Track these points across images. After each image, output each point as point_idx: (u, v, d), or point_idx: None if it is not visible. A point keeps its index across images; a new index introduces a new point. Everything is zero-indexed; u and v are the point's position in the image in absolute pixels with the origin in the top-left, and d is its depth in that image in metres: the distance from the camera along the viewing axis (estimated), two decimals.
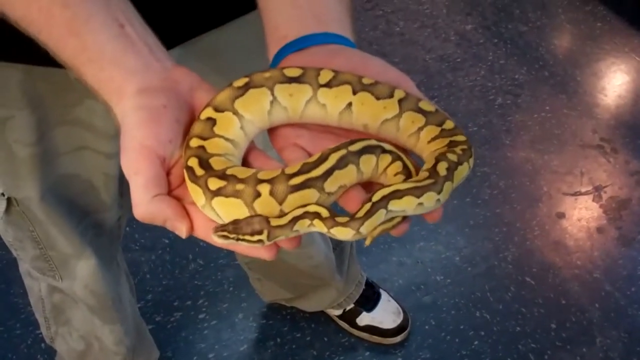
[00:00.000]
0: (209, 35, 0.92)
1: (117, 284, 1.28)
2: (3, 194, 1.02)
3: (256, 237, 0.56)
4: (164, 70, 0.62)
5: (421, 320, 1.77)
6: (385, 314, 1.72)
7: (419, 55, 2.50)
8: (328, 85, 0.62)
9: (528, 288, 1.84)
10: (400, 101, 0.62)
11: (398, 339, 1.72)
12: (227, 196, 0.56)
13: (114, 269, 1.26)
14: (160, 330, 1.75)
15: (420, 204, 0.57)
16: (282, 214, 0.58)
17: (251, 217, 0.57)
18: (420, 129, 0.62)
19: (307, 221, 0.57)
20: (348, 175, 0.59)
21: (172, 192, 0.59)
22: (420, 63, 2.47)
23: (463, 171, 0.61)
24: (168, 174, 0.59)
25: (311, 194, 0.57)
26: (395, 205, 0.57)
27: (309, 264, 1.48)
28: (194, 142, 0.59)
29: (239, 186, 0.57)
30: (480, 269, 1.88)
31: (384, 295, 1.75)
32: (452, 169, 0.59)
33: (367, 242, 0.61)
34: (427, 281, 1.85)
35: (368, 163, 0.60)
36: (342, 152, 0.58)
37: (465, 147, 0.62)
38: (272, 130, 0.65)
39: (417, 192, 0.57)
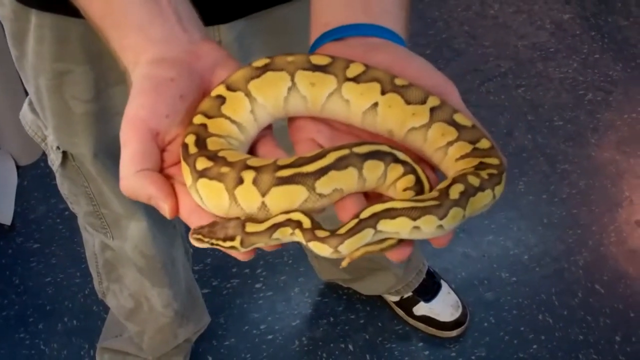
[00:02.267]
0: (277, 10, 0.88)
1: (170, 247, 1.27)
2: (59, 148, 1.01)
3: (228, 244, 0.52)
4: (189, 42, 0.58)
5: (480, 317, 1.71)
6: (443, 306, 1.67)
7: (511, 41, 2.40)
8: (356, 80, 0.56)
9: (597, 296, 1.75)
10: (432, 109, 0.55)
11: (454, 333, 1.67)
12: (210, 178, 0.52)
13: (169, 231, 1.25)
14: (215, 295, 1.74)
15: (417, 227, 0.51)
16: (263, 217, 0.52)
17: (228, 220, 0.52)
18: (450, 143, 0.55)
19: (289, 229, 0.52)
20: (346, 179, 0.52)
21: (165, 169, 0.55)
22: (511, 49, 2.37)
23: (483, 199, 0.53)
24: (163, 150, 0.55)
25: (298, 191, 0.51)
26: (386, 226, 0.51)
27: None
28: (197, 119, 0.55)
29: (224, 169, 0.52)
30: (548, 270, 1.80)
31: (445, 287, 1.70)
32: (467, 194, 0.52)
33: (344, 264, 0.54)
34: (491, 277, 1.79)
35: (373, 170, 0.53)
36: (344, 152, 0.52)
37: (494, 172, 0.54)
38: (291, 121, 0.59)
39: (414, 213, 0.50)
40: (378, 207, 0.51)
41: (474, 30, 2.44)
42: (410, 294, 1.66)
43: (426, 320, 1.67)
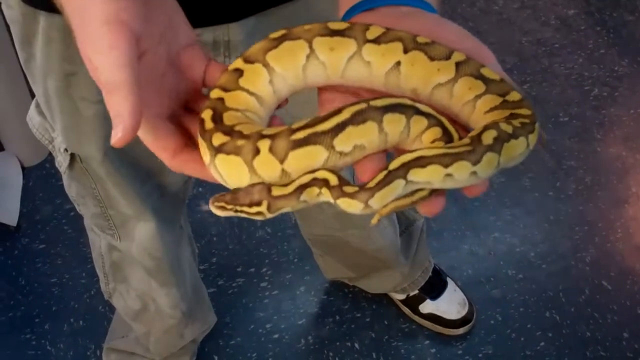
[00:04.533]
0: (286, 8, 0.88)
1: (177, 247, 1.26)
2: (66, 150, 1.01)
3: (255, 209, 0.51)
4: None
5: (487, 314, 1.71)
6: (449, 304, 1.66)
7: (515, 37, 2.39)
8: (376, 41, 0.54)
9: (604, 292, 1.75)
10: (458, 64, 0.54)
11: (461, 331, 1.66)
12: (228, 153, 0.50)
13: (175, 232, 1.25)
14: (221, 295, 1.74)
15: (449, 175, 0.48)
16: (286, 182, 0.50)
17: (252, 185, 0.51)
18: (478, 97, 0.53)
19: (315, 189, 0.50)
20: (366, 134, 0.50)
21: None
22: (516, 45, 2.37)
23: (517, 147, 0.51)
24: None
25: (317, 152, 0.49)
26: (417, 176, 0.49)
27: (373, 247, 1.43)
28: (215, 94, 0.54)
29: (240, 142, 0.50)
30: (555, 267, 1.80)
31: (451, 285, 1.69)
32: (501, 139, 0.49)
33: (374, 221, 0.52)
34: (498, 274, 1.78)
35: (395, 124, 0.50)
36: (361, 106, 0.50)
37: (527, 121, 0.52)
38: (319, 95, 0.57)
39: (446, 160, 0.48)
40: (407, 157, 0.49)
41: (479, 26, 2.43)
42: (416, 292, 1.66)
43: (432, 318, 1.66)
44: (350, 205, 0.50)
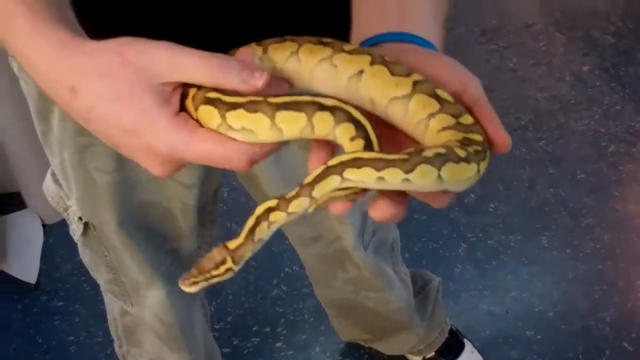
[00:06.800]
0: None
1: (189, 311, 1.27)
2: (80, 218, 1.03)
3: (222, 269, 0.55)
4: None
5: None
6: None
7: (531, 94, 2.40)
8: (350, 52, 0.60)
9: (625, 354, 1.72)
10: (415, 82, 0.57)
11: None
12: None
13: (187, 297, 1.25)
14: (236, 355, 1.73)
15: (381, 178, 0.52)
16: (237, 234, 0.56)
17: (209, 252, 0.56)
18: (432, 115, 0.57)
19: (264, 225, 0.55)
20: (256, 122, 0.55)
21: None
22: (531, 102, 2.37)
23: (467, 170, 0.53)
24: None
25: (213, 113, 0.55)
26: (352, 174, 0.53)
27: (388, 308, 1.43)
28: None
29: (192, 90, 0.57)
30: (574, 327, 1.78)
31: (468, 346, 1.67)
32: (446, 158, 0.52)
33: (310, 210, 0.56)
34: (516, 335, 1.76)
35: (291, 123, 0.55)
36: (257, 98, 0.55)
37: (479, 148, 0.55)
38: None
39: (379, 164, 0.52)
40: (346, 157, 0.54)
41: (493, 84, 2.44)
42: (432, 354, 1.64)
43: None
44: (299, 205, 0.55)
